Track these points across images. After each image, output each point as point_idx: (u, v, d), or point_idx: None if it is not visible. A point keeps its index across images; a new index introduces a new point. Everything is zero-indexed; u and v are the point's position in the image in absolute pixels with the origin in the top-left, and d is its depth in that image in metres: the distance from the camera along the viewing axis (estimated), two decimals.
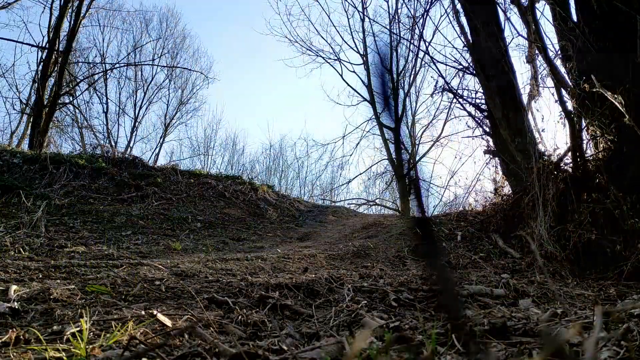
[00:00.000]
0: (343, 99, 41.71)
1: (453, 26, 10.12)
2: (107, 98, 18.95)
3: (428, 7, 9.06)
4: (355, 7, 20.77)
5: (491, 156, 6.37)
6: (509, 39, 6.71)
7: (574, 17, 4.91)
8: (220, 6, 33.31)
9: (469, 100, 6.87)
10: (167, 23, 22.85)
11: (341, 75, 18.36)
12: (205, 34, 32.46)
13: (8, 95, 18.65)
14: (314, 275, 3.05)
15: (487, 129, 6.59)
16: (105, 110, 19.06)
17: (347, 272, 3.48)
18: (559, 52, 5.22)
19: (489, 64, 5.95)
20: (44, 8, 12.41)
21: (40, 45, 12.30)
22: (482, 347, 1.38)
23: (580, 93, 4.40)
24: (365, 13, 15.96)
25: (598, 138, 4.62)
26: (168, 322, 1.68)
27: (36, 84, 11.75)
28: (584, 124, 4.66)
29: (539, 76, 6.28)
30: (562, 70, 5.06)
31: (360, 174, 21.05)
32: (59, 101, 11.83)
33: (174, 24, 21.47)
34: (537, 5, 5.37)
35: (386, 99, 0.93)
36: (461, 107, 7.23)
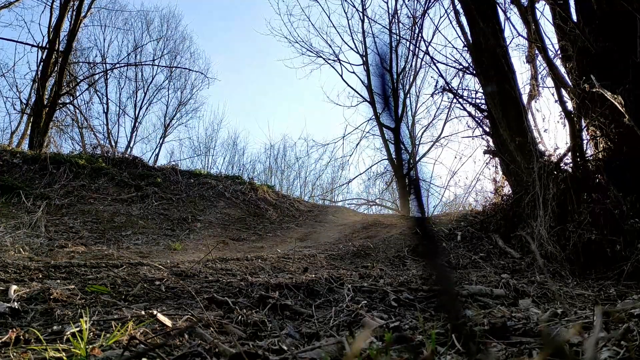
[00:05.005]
0: (343, 100, 41.54)
1: (453, 26, 10.12)
2: (107, 98, 18.94)
3: (427, 7, 9.05)
4: (355, 8, 20.77)
5: (491, 156, 6.36)
6: (509, 39, 6.70)
7: (574, 17, 4.90)
8: (220, 6, 33.30)
9: (469, 100, 6.86)
10: (169, 24, 22.81)
11: (341, 76, 18.38)
12: (206, 34, 32.45)
13: (8, 95, 18.65)
14: (314, 275, 3.05)
15: (487, 129, 6.58)
16: (105, 110, 19.03)
17: (347, 272, 3.47)
18: (559, 52, 5.21)
19: (489, 64, 5.95)
20: (45, 7, 12.42)
21: (40, 45, 12.30)
22: (482, 347, 1.38)
23: (580, 93, 4.40)
24: (365, 14, 15.97)
25: (598, 138, 4.61)
26: (168, 322, 1.68)
27: (36, 84, 11.74)
28: (584, 124, 4.66)
29: (539, 76, 6.27)
30: (562, 70, 5.06)
31: (360, 174, 21.04)
32: (59, 101, 11.82)
33: (174, 25, 21.43)
34: (537, 5, 5.37)
35: (386, 99, 0.93)
36: (461, 107, 7.21)
